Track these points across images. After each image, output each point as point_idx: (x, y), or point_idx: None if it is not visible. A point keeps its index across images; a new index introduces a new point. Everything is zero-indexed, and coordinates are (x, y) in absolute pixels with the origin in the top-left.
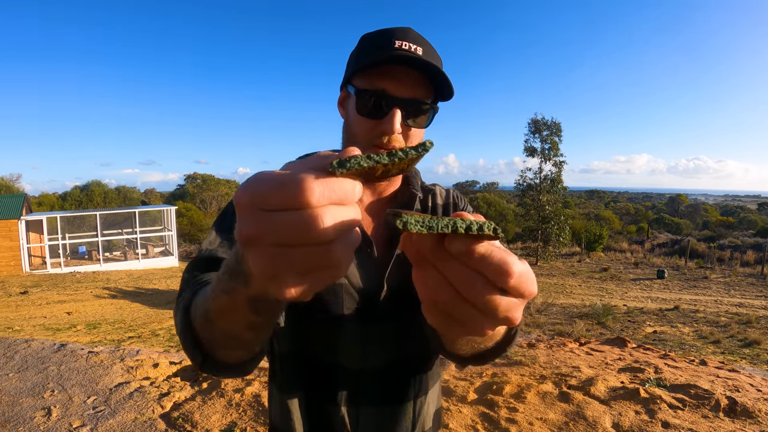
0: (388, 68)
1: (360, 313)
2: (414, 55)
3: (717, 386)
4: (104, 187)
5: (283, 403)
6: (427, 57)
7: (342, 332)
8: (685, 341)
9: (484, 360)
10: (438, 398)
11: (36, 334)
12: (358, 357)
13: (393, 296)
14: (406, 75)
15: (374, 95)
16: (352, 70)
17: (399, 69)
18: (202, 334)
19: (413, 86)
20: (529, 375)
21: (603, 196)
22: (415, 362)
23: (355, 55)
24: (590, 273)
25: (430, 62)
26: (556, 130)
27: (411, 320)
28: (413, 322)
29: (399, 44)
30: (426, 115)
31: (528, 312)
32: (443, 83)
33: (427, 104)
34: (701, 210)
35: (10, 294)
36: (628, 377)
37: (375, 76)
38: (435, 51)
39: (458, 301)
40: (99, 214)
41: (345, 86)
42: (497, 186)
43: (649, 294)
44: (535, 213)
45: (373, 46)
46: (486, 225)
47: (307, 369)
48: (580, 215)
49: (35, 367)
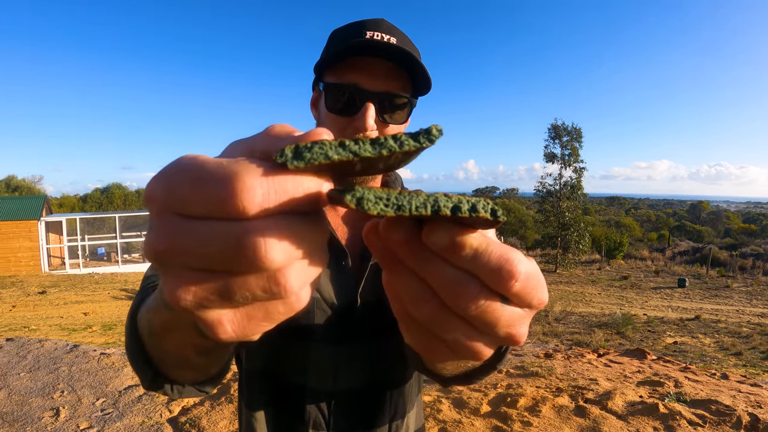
0: (360, 60)
1: (332, 330)
2: (386, 44)
3: (739, 402)
4: (124, 190)
5: (250, 422)
6: (402, 46)
7: (313, 351)
8: (706, 353)
9: (471, 380)
10: (419, 418)
11: (51, 333)
12: (330, 378)
13: (368, 312)
14: (379, 66)
15: (346, 90)
16: (322, 65)
17: (371, 61)
18: (150, 348)
19: (387, 78)
20: (545, 387)
21: (624, 202)
22: (392, 385)
23: (326, 50)
24: (610, 281)
25: (405, 49)
26: (577, 135)
27: (388, 339)
28: (390, 341)
29: (371, 35)
30: (404, 110)
31: (546, 321)
32: (420, 75)
33: (405, 97)
34: (723, 217)
35: (28, 294)
36: (647, 391)
37: (346, 70)
38: (410, 41)
39: (444, 314)
40: (118, 216)
41: (316, 85)
42: (517, 192)
43: (670, 303)
44: (555, 220)
45: (343, 39)
46: (482, 204)
47: (277, 389)
48: (600, 222)
49: (47, 367)
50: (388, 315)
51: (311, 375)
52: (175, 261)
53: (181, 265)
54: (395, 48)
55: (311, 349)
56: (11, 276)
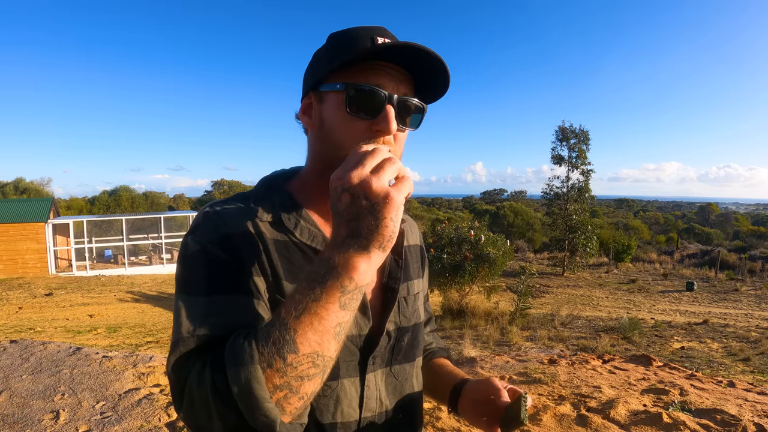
0: (377, 64)
1: (358, 364)
2: (421, 47)
3: (745, 411)
4: (132, 192)
5: None
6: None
7: (340, 390)
8: (714, 358)
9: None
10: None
11: (57, 335)
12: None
13: (393, 340)
14: (395, 71)
15: (369, 91)
16: (331, 66)
17: (386, 65)
18: (279, 379)
19: (402, 83)
20: (547, 394)
21: (632, 205)
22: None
23: (332, 51)
24: (618, 284)
25: (439, 57)
26: (584, 138)
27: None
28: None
29: (381, 41)
30: (419, 116)
31: (552, 325)
32: (433, 83)
33: (421, 103)
34: (732, 219)
35: (35, 295)
36: (652, 399)
37: (366, 72)
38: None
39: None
40: (125, 219)
41: (312, 90)
42: (525, 195)
43: (678, 307)
44: (562, 222)
45: (353, 42)
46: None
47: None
48: (608, 225)
49: (49, 369)
50: (409, 339)
51: (338, 412)
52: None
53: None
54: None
55: (341, 387)
56: (18, 278)
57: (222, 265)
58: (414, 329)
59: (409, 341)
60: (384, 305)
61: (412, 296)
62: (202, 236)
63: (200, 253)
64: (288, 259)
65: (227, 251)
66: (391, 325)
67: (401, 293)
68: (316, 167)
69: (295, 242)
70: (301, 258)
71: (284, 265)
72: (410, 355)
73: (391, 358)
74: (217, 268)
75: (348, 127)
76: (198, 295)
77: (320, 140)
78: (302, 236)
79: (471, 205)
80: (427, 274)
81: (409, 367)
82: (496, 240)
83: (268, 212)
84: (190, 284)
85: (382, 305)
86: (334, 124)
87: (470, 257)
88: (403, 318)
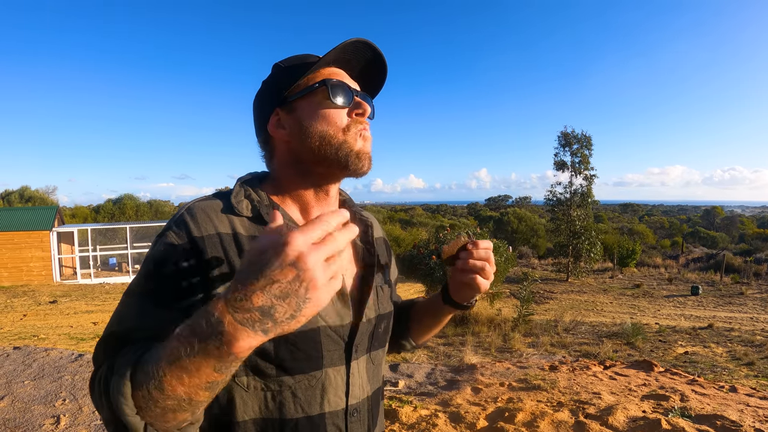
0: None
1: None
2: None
3: (746, 417)
4: (136, 201)
5: None
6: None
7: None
8: (717, 363)
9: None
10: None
11: (60, 342)
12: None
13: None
14: (348, 72)
15: (344, 84)
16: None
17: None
18: (144, 403)
19: (354, 83)
20: (546, 401)
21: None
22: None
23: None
24: (622, 289)
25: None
26: (587, 143)
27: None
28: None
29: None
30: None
31: (555, 331)
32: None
33: (371, 99)
34: (737, 222)
35: (39, 303)
36: (651, 405)
37: (324, 75)
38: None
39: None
40: (129, 227)
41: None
42: (530, 200)
43: (683, 311)
44: (566, 228)
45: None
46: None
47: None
48: (613, 229)
49: (51, 375)
50: (385, 326)
51: (326, 401)
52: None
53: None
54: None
55: (326, 376)
56: (23, 285)
57: (170, 277)
58: (389, 316)
59: (385, 327)
60: (361, 294)
61: (385, 285)
62: (170, 239)
63: (155, 261)
64: None
65: (188, 258)
66: (371, 312)
67: (377, 281)
68: (295, 170)
69: None
70: None
71: None
72: (383, 341)
73: (370, 345)
74: (163, 279)
75: (333, 115)
76: (133, 295)
77: (304, 141)
78: None
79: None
80: (394, 263)
81: (382, 352)
82: (498, 246)
83: (246, 208)
84: (136, 284)
85: (361, 294)
86: (316, 118)
87: None
88: (381, 305)
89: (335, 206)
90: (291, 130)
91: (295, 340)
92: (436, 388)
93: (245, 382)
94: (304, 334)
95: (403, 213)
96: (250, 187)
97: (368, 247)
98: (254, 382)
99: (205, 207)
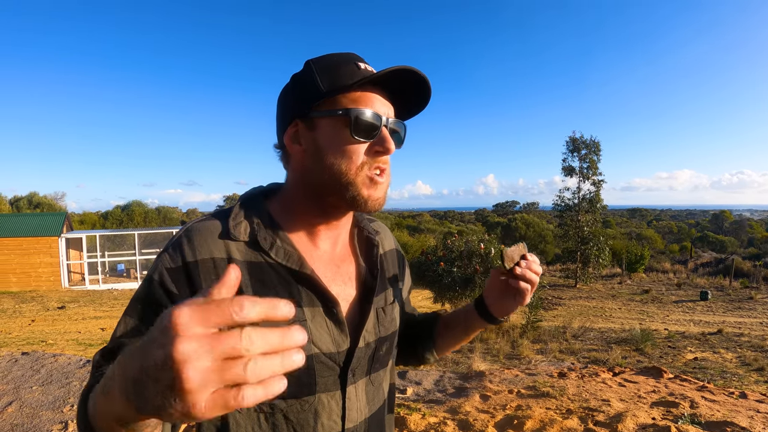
0: (365, 89)
1: (337, 378)
2: (416, 72)
3: (756, 423)
4: (144, 207)
5: None
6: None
7: (319, 404)
8: (727, 369)
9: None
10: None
11: (68, 348)
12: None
13: (372, 351)
14: (383, 95)
15: (372, 115)
16: (327, 92)
17: (375, 89)
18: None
19: (387, 106)
20: (555, 408)
21: (645, 214)
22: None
23: (324, 78)
24: (631, 295)
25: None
26: (595, 148)
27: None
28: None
29: (363, 67)
30: (402, 138)
31: (563, 338)
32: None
33: (404, 124)
34: (746, 226)
35: (47, 308)
36: (661, 412)
37: (359, 98)
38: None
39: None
40: (137, 234)
41: (299, 118)
42: (537, 206)
43: (692, 317)
44: (574, 234)
45: (342, 69)
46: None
47: None
48: (621, 235)
49: (59, 381)
50: (387, 347)
51: (319, 425)
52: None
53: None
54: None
55: (319, 401)
56: (32, 291)
57: (159, 302)
58: (392, 337)
59: (387, 349)
60: (361, 317)
61: (390, 306)
62: (164, 262)
63: (151, 282)
64: (261, 280)
65: (178, 282)
66: (371, 336)
67: (378, 304)
68: (305, 192)
69: (269, 263)
70: (275, 278)
71: (255, 287)
72: (385, 361)
73: (370, 368)
74: (152, 301)
75: (350, 150)
76: (129, 317)
77: (316, 166)
78: (277, 256)
79: (483, 218)
80: (408, 275)
81: (383, 372)
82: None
83: (244, 232)
84: (133, 304)
85: (359, 317)
86: (332, 148)
87: (480, 270)
88: (382, 328)
89: (346, 229)
90: (306, 148)
91: None
92: (445, 395)
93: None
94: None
95: (410, 219)
96: (253, 206)
97: (371, 268)
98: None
99: (203, 229)
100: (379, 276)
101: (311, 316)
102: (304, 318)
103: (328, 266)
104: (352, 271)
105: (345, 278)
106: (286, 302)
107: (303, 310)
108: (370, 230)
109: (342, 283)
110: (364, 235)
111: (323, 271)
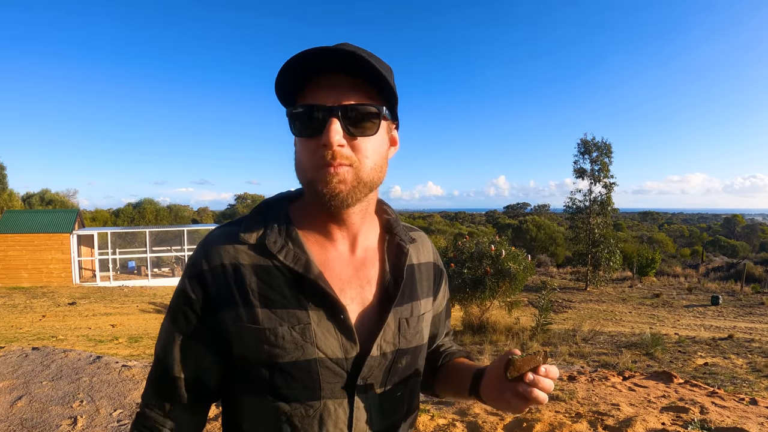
0: (316, 80)
1: (343, 386)
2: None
3: (766, 430)
4: (156, 205)
5: None
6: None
7: (324, 411)
8: (738, 375)
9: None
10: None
11: (78, 344)
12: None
13: (388, 361)
14: (341, 81)
15: (307, 111)
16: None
17: (329, 78)
18: None
19: (350, 91)
20: (564, 412)
21: (657, 217)
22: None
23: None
24: (641, 299)
25: (355, 52)
26: (606, 150)
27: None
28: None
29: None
30: (373, 122)
31: (573, 341)
32: (381, 83)
33: (372, 108)
34: (758, 231)
35: (58, 304)
36: (671, 418)
37: (306, 94)
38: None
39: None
40: (149, 231)
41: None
42: (548, 208)
43: (703, 322)
44: (585, 236)
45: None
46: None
47: None
48: (632, 238)
49: (69, 376)
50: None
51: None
52: None
53: None
54: (342, 51)
55: (325, 408)
56: (43, 286)
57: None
58: (414, 351)
59: (408, 363)
60: (377, 325)
61: (416, 317)
62: (187, 272)
63: (177, 296)
64: (268, 284)
65: (196, 290)
66: (388, 347)
67: (403, 314)
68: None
69: (277, 266)
70: (282, 282)
71: (262, 290)
72: (406, 377)
73: (386, 380)
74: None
75: (303, 149)
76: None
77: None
78: (286, 259)
79: (494, 219)
80: (445, 291)
81: (403, 388)
82: (517, 255)
83: (253, 236)
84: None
85: (376, 325)
86: (296, 149)
87: (491, 272)
88: (403, 339)
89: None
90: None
91: (289, 369)
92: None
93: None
94: (298, 364)
95: (421, 220)
96: (273, 210)
97: (396, 276)
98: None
99: (217, 237)
100: (403, 284)
101: (317, 320)
102: (309, 321)
103: (345, 268)
104: (373, 276)
105: (363, 282)
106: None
107: (309, 314)
108: (403, 238)
109: (359, 287)
110: (395, 241)
111: (339, 272)
